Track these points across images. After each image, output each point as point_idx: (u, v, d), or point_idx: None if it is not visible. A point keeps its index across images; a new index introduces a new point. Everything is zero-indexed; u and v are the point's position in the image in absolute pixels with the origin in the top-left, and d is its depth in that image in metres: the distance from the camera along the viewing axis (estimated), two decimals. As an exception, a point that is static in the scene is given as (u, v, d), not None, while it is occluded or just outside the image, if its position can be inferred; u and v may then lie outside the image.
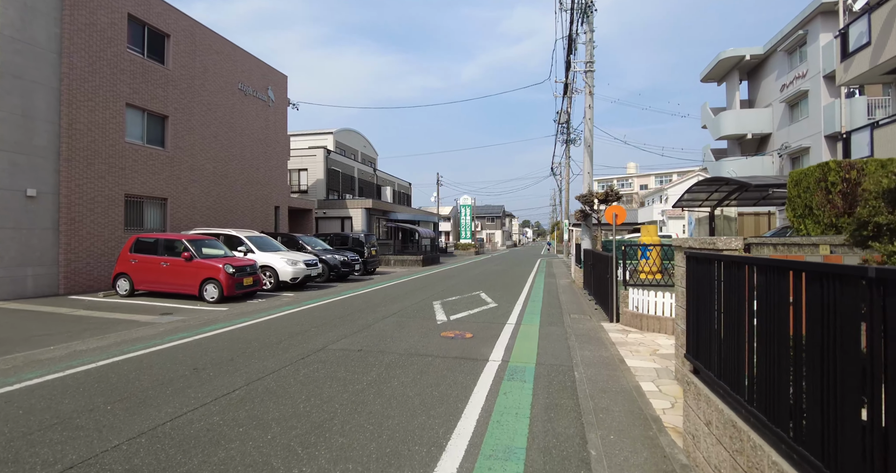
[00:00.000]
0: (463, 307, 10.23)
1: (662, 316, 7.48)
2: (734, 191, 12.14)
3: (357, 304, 10.78)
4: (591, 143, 16.30)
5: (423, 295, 12.55)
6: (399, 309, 9.90)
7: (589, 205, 15.35)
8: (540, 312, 9.65)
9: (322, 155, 29.44)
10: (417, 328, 7.88)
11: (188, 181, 16.65)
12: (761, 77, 27.31)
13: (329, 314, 9.44)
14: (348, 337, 7.15)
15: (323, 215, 29.06)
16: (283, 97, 22.82)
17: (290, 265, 13.77)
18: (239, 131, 19.44)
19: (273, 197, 21.73)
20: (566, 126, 35.02)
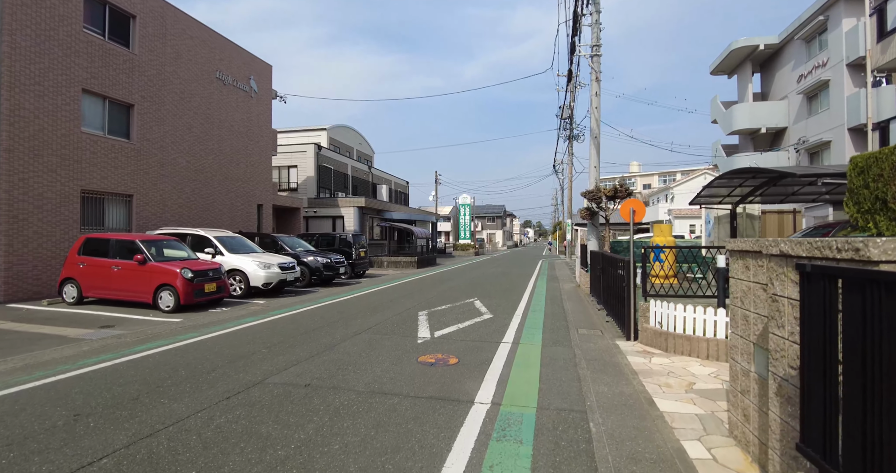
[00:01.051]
0: (452, 319, 8.78)
1: (694, 336, 6.02)
2: (764, 184, 10.67)
3: (331, 315, 9.35)
4: (597, 134, 14.85)
5: (409, 302, 11.11)
6: (377, 323, 8.46)
7: (596, 203, 13.91)
8: (542, 326, 8.20)
9: (312, 151, 28.03)
10: (392, 349, 6.43)
11: (157, 176, 15.24)
12: (776, 68, 25.83)
13: (294, 328, 8.00)
14: (301, 364, 5.71)
15: (313, 214, 27.65)
16: (268, 88, 21.41)
17: (262, 268, 12.34)
18: (217, 123, 18.02)
19: (256, 194, 20.31)
20: (569, 121, 33.61)
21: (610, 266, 8.71)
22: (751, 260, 3.32)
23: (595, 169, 14.64)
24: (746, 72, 26.95)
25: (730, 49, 26.20)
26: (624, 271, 7.14)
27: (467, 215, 46.46)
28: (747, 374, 3.34)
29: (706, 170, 46.38)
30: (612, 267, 8.31)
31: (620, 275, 7.51)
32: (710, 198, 12.56)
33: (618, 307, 7.94)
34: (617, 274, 7.85)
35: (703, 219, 14.30)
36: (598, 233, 14.65)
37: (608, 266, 8.95)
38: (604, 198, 13.74)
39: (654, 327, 6.67)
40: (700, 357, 5.94)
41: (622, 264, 7.28)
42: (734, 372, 3.58)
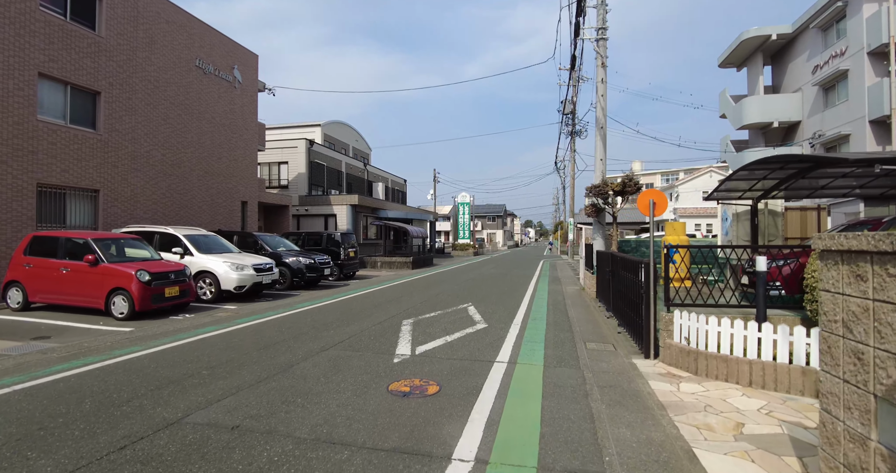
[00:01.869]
0: (440, 330, 7.62)
1: (732, 357, 4.85)
2: (793, 176, 9.49)
3: (302, 324, 8.19)
4: (603, 125, 13.68)
5: (395, 308, 9.94)
6: (352, 334, 7.30)
7: (602, 198, 12.73)
8: (544, 339, 7.03)
9: (304, 146, 26.87)
10: (360, 371, 5.27)
11: (128, 170, 14.09)
12: (789, 59, 24.63)
13: (253, 341, 6.85)
14: (241, 393, 4.55)
15: (304, 212, 26.51)
16: (253, 78, 20.25)
17: (234, 270, 11.18)
18: (196, 114, 16.87)
19: (239, 190, 19.15)
20: (571, 116, 32.42)
21: (623, 269, 7.54)
22: (869, 265, 2.14)
23: (601, 162, 13.47)
24: (757, 63, 25.73)
25: (740, 39, 24.99)
26: (643, 276, 5.97)
27: (466, 214, 45.26)
28: (863, 443, 2.17)
29: (712, 168, 45.18)
30: (627, 270, 7.14)
31: (637, 281, 6.34)
32: (728, 193, 11.36)
33: (632, 317, 6.78)
34: (632, 280, 6.68)
35: (719, 216, 13.10)
36: (604, 231, 13.48)
37: (620, 269, 7.78)
38: (611, 194, 12.57)
39: (679, 343, 5.50)
40: (740, 383, 4.77)
41: (641, 267, 6.12)
42: (831, 434, 2.41)
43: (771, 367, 4.58)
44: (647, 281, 5.84)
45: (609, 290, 9.16)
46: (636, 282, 6.43)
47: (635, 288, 6.50)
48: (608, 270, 8.99)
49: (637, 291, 6.37)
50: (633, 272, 6.68)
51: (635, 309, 6.56)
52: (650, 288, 5.80)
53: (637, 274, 6.35)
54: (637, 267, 6.36)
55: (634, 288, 6.56)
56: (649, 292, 5.82)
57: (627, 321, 7.20)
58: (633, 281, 6.62)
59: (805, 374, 4.41)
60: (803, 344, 4.52)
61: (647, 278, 5.83)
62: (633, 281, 6.62)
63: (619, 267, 7.89)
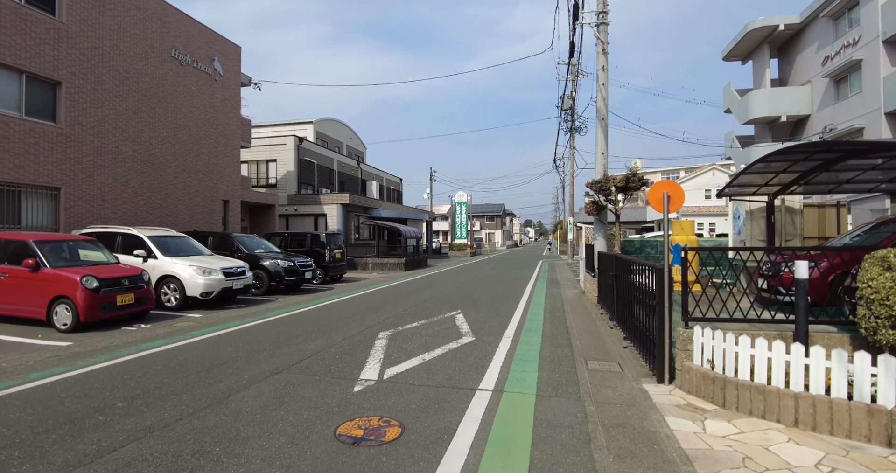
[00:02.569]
0: (419, 345, 6.62)
1: (772, 388, 3.86)
2: (816, 168, 8.52)
3: (264, 338, 7.20)
4: (605, 116, 12.68)
5: (375, 317, 8.95)
6: (316, 351, 6.30)
7: (604, 195, 11.74)
8: (538, 357, 6.03)
9: (293, 143, 25.88)
10: (308, 405, 4.28)
11: (94, 166, 13.09)
12: (797, 51, 23.63)
13: (199, 361, 5.86)
14: (149, 437, 3.56)
15: (294, 212, 25.51)
16: (236, 71, 19.26)
17: (200, 274, 10.19)
18: (172, 108, 15.88)
19: (220, 189, 18.16)
20: (571, 112, 31.46)
21: (629, 273, 6.54)
22: None
23: (602, 156, 12.47)
24: (763, 56, 24.72)
25: (745, 30, 23.99)
26: (654, 283, 4.98)
27: (464, 213, 44.23)
28: None
29: (714, 166, 44.18)
30: (635, 275, 6.15)
31: (647, 289, 5.35)
32: (742, 189, 10.38)
33: (641, 330, 5.79)
34: (641, 287, 5.68)
35: (730, 213, 12.10)
36: (605, 230, 12.48)
37: (626, 273, 6.78)
38: (613, 190, 11.58)
39: (701, 367, 4.50)
40: (783, 422, 3.77)
41: (652, 273, 5.13)
42: None
43: (824, 404, 3.59)
44: (662, 291, 4.84)
45: (613, 296, 8.17)
46: (646, 291, 5.44)
47: (645, 297, 5.51)
48: (612, 274, 8.00)
49: (647, 301, 5.38)
50: (642, 278, 5.68)
51: (645, 321, 5.57)
52: (665, 299, 4.81)
53: (648, 280, 5.35)
54: (648, 273, 5.36)
55: (644, 296, 5.57)
56: (664, 303, 4.83)
57: (635, 334, 6.21)
58: (643, 288, 5.62)
59: (872, 415, 3.42)
60: (867, 374, 3.53)
61: (662, 286, 4.84)
62: (643, 288, 5.62)
63: (624, 271, 6.89)
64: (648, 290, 5.33)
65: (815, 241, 12.03)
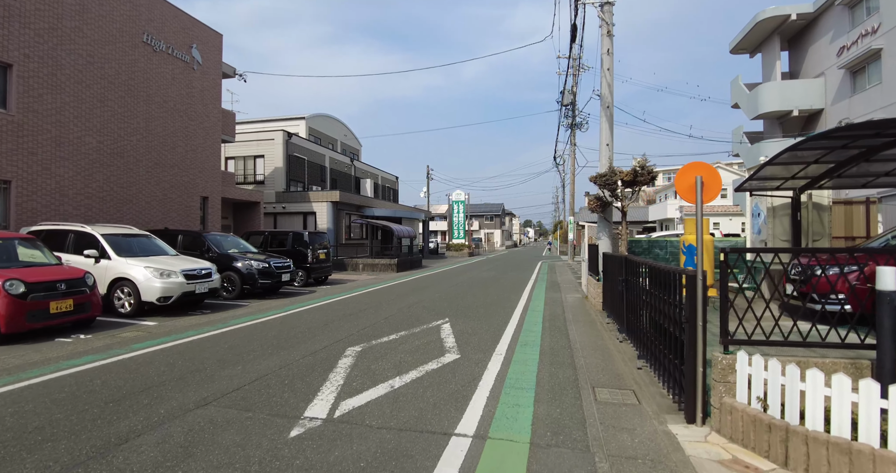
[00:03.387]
0: (391, 366, 5.50)
1: (865, 448, 2.74)
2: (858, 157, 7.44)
3: (209, 354, 6.08)
4: (610, 104, 11.58)
5: (348, 328, 7.84)
6: (263, 374, 5.19)
7: (609, 189, 10.63)
8: (535, 384, 4.91)
9: (281, 138, 24.76)
10: (223, 460, 3.17)
11: (51, 158, 11.97)
12: (809, 42, 22.54)
13: (115, 386, 4.74)
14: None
15: (282, 210, 24.41)
16: (216, 60, 18.13)
17: (157, 277, 9.08)
18: (144, 97, 14.76)
19: (199, 184, 17.04)
20: (571, 108, 30.37)
21: (643, 279, 5.42)
22: None
23: (607, 147, 11.36)
24: (773, 48, 23.61)
25: (755, 21, 22.88)
26: (679, 295, 3.87)
27: (461, 213, 43.08)
28: None
29: (719, 165, 43.02)
30: (654, 283, 5.03)
31: (670, 300, 4.24)
32: (764, 182, 9.27)
33: (659, 349, 4.68)
34: (662, 297, 4.57)
35: (748, 211, 10.99)
36: (610, 229, 11.38)
37: (640, 278, 5.66)
38: (619, 184, 10.47)
39: (749, 407, 3.39)
40: (878, 496, 2.66)
41: (678, 280, 4.02)
42: None
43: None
44: (693, 304, 3.73)
45: (622, 305, 7.05)
46: (669, 302, 4.33)
47: (668, 309, 4.40)
48: (621, 279, 6.88)
49: (671, 314, 4.28)
50: (664, 287, 4.57)
51: (667, 339, 4.47)
52: (699, 316, 3.70)
53: (672, 291, 4.25)
54: (672, 281, 4.26)
55: (667, 309, 4.46)
56: (696, 322, 3.72)
57: (652, 352, 5.10)
58: (665, 299, 4.51)
59: None
60: None
61: (694, 299, 3.73)
62: (665, 299, 4.51)
63: (637, 276, 5.77)
64: (672, 301, 4.23)
65: (842, 242, 10.93)
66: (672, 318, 4.27)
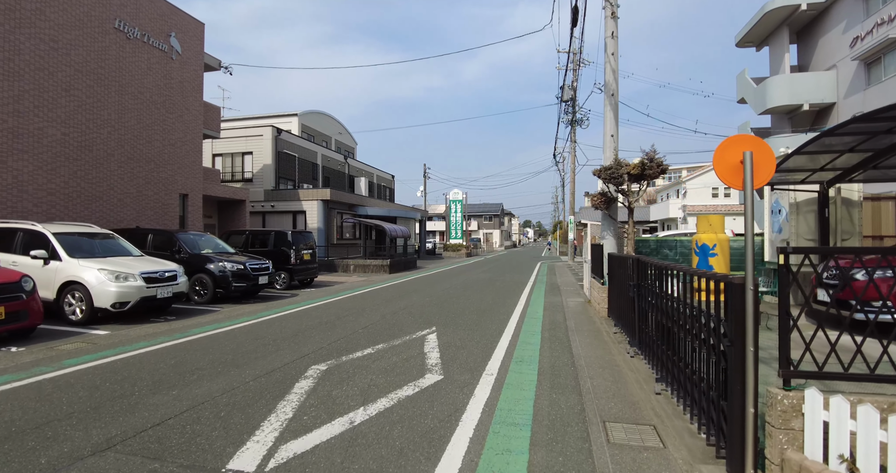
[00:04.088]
0: (357, 391, 4.55)
1: None
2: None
3: (147, 374, 5.14)
4: (615, 91, 10.65)
5: (319, 340, 6.89)
6: (198, 403, 4.24)
7: (615, 184, 9.70)
8: (531, 418, 3.96)
9: (270, 134, 23.81)
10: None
11: (7, 151, 11.02)
12: (819, 33, 21.64)
13: (17, 417, 3.79)
14: None
15: (270, 209, 23.47)
16: (198, 50, 17.18)
17: (112, 280, 8.13)
18: (116, 87, 13.81)
19: (178, 181, 16.08)
20: (571, 104, 29.46)
21: (663, 285, 4.47)
22: None
23: (612, 139, 10.43)
24: (782, 40, 22.69)
25: (763, 11, 21.97)
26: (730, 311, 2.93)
27: (458, 212, 42.12)
28: None
29: (722, 163, 42.10)
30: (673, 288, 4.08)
31: (705, 316, 3.29)
32: (788, 175, 8.35)
33: (687, 374, 3.74)
34: (692, 312, 3.62)
35: (766, 207, 10.06)
36: (616, 227, 10.44)
37: (658, 284, 4.72)
38: (626, 178, 9.54)
39: (826, 470, 2.45)
40: None
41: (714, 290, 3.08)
42: None
43: None
44: (741, 323, 2.79)
45: (633, 313, 6.11)
46: (702, 317, 3.39)
47: (699, 326, 3.46)
48: (632, 285, 5.94)
49: (704, 334, 3.34)
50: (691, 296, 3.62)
51: (698, 362, 3.53)
52: (748, 339, 2.76)
53: (707, 303, 3.30)
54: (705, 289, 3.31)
55: (697, 326, 3.52)
56: (746, 346, 2.78)
57: (675, 376, 4.17)
58: (695, 313, 3.57)
59: None
60: None
61: (742, 316, 2.79)
62: (695, 313, 3.57)
63: (655, 281, 4.82)
64: (707, 316, 3.29)
65: (870, 241, 10.01)
66: (706, 338, 3.33)
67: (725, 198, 40.78)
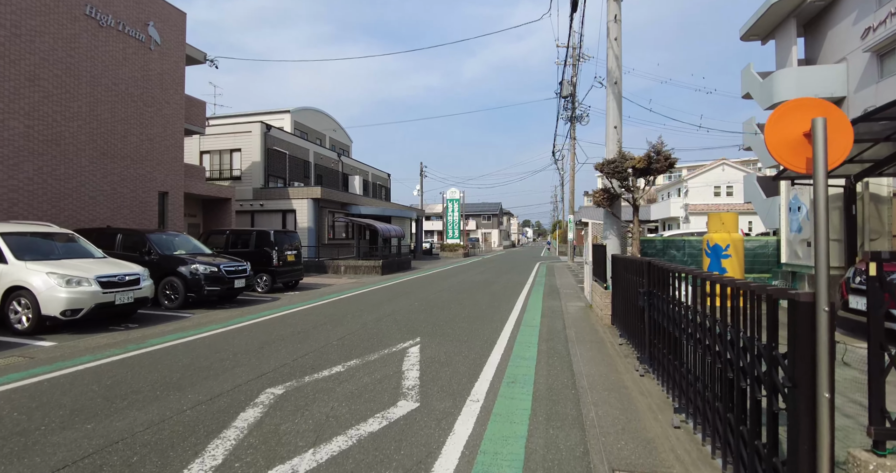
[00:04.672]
0: (308, 429, 3.74)
1: None
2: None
3: (73, 398, 4.33)
4: (618, 78, 9.85)
5: (285, 355, 6.09)
6: (114, 440, 3.44)
7: (619, 179, 8.91)
8: (522, 467, 3.15)
9: (259, 131, 22.99)
10: None
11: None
12: (828, 25, 20.85)
13: None
14: None
15: (259, 208, 22.66)
16: (179, 41, 16.36)
17: (63, 285, 7.33)
18: (87, 78, 12.99)
19: (157, 178, 15.26)
20: (571, 99, 28.69)
21: (670, 291, 3.66)
22: None
23: (616, 130, 9.63)
24: (789, 32, 21.86)
25: (769, 3, 21.10)
26: (793, 340, 2.13)
27: (456, 212, 41.30)
28: None
29: (724, 161, 41.38)
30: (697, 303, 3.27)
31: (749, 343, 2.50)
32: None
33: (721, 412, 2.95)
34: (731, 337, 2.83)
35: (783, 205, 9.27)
36: (619, 226, 9.64)
37: (668, 291, 3.92)
38: (631, 173, 8.74)
39: None
40: None
41: (794, 312, 2.28)
42: None
43: None
44: (810, 358, 2.00)
45: (642, 325, 5.31)
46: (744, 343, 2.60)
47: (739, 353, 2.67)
48: (642, 292, 5.14)
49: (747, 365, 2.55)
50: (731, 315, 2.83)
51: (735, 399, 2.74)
52: (820, 380, 1.97)
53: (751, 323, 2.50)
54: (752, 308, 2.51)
55: (735, 353, 2.72)
56: (817, 390, 1.98)
57: (698, 407, 3.37)
58: (732, 337, 2.78)
59: None
60: None
61: (810, 347, 1.99)
62: (732, 337, 2.78)
63: (669, 288, 4.02)
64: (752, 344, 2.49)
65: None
66: (751, 371, 2.53)
67: (728, 197, 40.02)
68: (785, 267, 8.92)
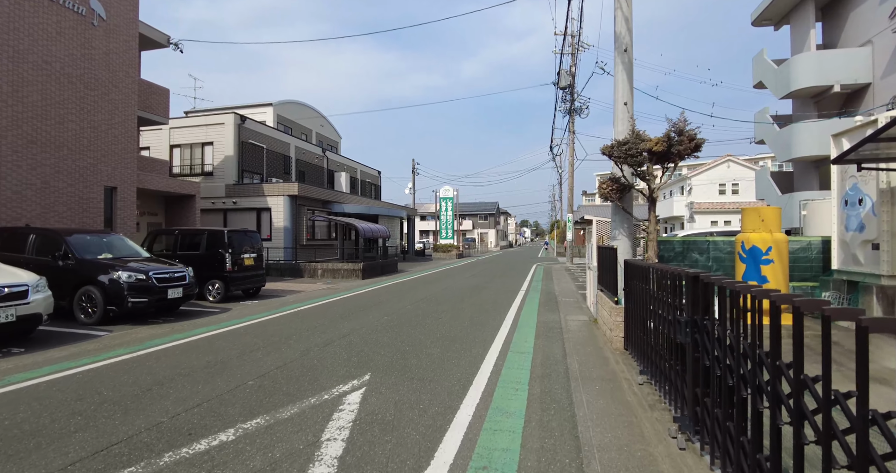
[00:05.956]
0: None
1: None
2: None
3: None
4: (628, 46, 8.13)
5: (171, 405, 4.33)
6: None
7: (631, 164, 7.17)
8: None
9: (232, 122, 21.20)
10: None
11: None
12: (849, 8, 19.17)
13: None
14: None
15: (232, 205, 20.89)
16: (130, 18, 14.56)
17: None
18: (8, 53, 11.20)
19: (103, 171, 13.47)
20: (569, 90, 26.98)
21: (740, 325, 1.92)
22: None
23: (626, 107, 7.88)
24: (806, 16, 20.18)
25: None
26: None
27: (449, 211, 39.50)
28: None
29: (730, 158, 39.73)
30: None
31: None
32: (886, 148, 5.83)
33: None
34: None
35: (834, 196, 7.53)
36: (631, 224, 7.88)
37: (721, 325, 2.17)
38: (647, 157, 7.00)
39: None
40: None
41: None
42: None
43: None
44: None
45: (680, 366, 3.56)
46: None
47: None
48: (683, 321, 3.39)
49: None
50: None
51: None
52: None
53: None
54: None
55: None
56: None
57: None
58: None
59: None
60: None
61: None
62: None
63: (723, 319, 2.28)
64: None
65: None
66: None
67: (734, 195, 38.35)
68: (837, 274, 7.18)
